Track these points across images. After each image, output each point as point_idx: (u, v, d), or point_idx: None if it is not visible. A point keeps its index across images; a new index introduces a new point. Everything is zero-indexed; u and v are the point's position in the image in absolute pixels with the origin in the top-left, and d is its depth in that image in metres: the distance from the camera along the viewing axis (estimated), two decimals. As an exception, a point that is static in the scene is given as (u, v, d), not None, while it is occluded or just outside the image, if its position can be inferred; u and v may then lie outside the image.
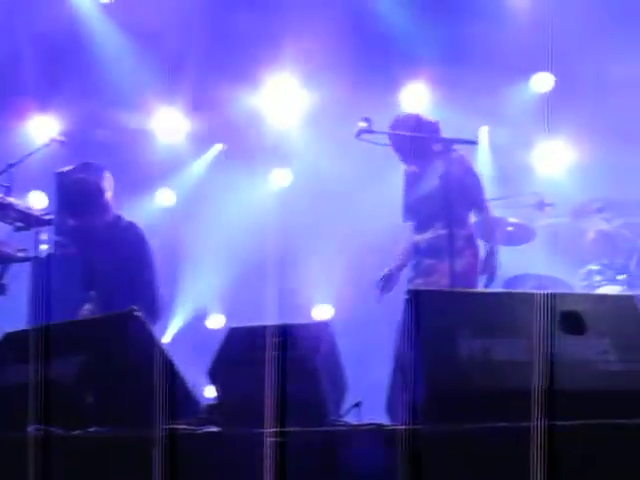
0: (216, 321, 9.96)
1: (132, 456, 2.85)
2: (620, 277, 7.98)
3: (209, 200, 9.53)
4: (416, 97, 9.26)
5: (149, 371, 3.31)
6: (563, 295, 3.38)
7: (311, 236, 9.28)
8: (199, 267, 9.61)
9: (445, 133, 6.08)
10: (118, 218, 5.55)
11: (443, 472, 2.70)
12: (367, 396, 3.52)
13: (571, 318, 3.25)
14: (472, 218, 6.22)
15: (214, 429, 3.01)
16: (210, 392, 3.53)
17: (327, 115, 9.07)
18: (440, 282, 5.78)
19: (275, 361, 3.27)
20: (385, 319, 3.65)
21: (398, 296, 4.60)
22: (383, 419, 3.34)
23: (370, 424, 2.97)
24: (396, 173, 6.63)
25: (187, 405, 3.43)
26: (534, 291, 3.50)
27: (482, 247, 6.17)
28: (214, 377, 3.36)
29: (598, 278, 8.03)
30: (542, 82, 9.49)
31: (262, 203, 9.67)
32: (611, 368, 3.19)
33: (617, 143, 8.49)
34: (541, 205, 8.31)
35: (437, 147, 5.88)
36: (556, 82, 9.32)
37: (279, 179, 10.05)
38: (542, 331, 3.21)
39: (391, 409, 3.42)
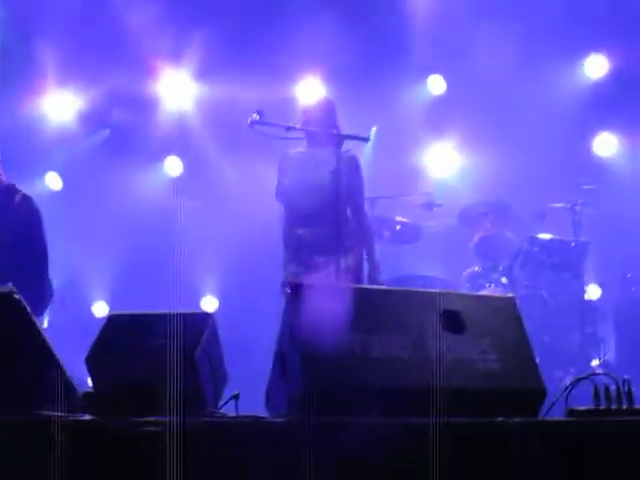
0: (102, 308, 9.86)
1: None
2: (503, 279, 8.15)
3: (98, 185, 9.39)
4: (311, 91, 9.30)
5: (26, 356, 3.23)
6: (444, 294, 3.42)
7: (200, 226, 9.24)
8: (88, 252, 9.48)
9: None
10: (12, 188, 5.30)
11: (318, 465, 2.69)
12: (247, 388, 3.50)
13: (451, 317, 3.29)
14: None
15: (88, 417, 2.95)
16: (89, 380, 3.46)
17: (220, 106, 9.04)
18: (328, 279, 5.80)
19: (155, 350, 3.23)
20: (269, 311, 3.63)
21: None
22: (262, 411, 3.34)
23: (247, 416, 2.96)
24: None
25: (65, 392, 3.35)
26: (417, 289, 3.55)
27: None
28: (91, 364, 3.29)
29: (482, 280, 8.19)
30: (437, 84, 9.65)
31: (153, 190, 9.60)
32: (490, 367, 3.25)
33: (505, 148, 8.68)
34: (430, 206, 8.44)
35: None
36: (449, 85, 9.48)
37: (171, 167, 9.99)
38: (423, 329, 3.25)
39: (270, 402, 3.40)
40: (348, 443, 2.73)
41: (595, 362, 8.07)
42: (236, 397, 3.36)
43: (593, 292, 9.18)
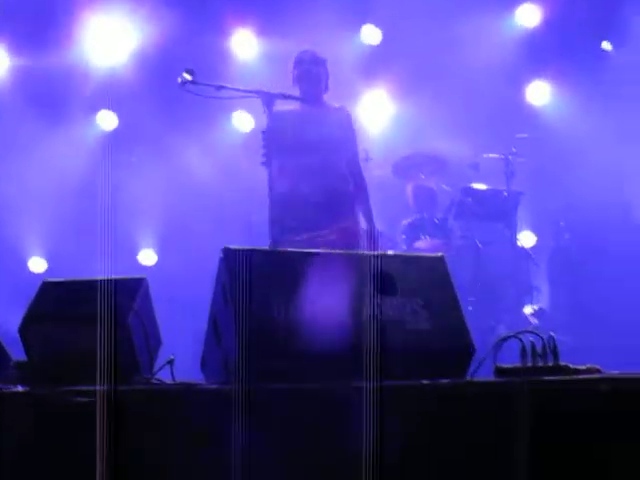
0: (38, 264, 9.78)
1: None
2: (438, 231, 8.24)
3: (29, 142, 9.26)
4: (245, 46, 9.25)
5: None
6: (375, 256, 3.46)
7: (135, 181, 9.19)
8: (21, 207, 9.38)
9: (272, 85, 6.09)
10: None
11: (252, 432, 2.73)
12: (182, 353, 3.52)
13: (382, 278, 3.33)
14: None
15: (21, 388, 2.95)
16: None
17: (155, 61, 8.95)
18: (328, 239, 5.80)
19: (87, 317, 3.23)
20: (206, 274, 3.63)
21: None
22: (198, 376, 3.37)
23: (181, 383, 2.98)
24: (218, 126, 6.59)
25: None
26: (348, 251, 3.58)
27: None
28: (24, 334, 3.28)
29: (417, 231, 8.26)
30: (371, 34, 9.63)
31: (87, 145, 9.50)
32: (420, 327, 3.30)
33: (438, 99, 8.71)
34: (364, 158, 8.46)
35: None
36: (384, 35, 9.47)
37: (104, 122, 9.88)
38: (355, 291, 3.29)
39: (206, 366, 3.43)
40: (282, 409, 2.77)
41: (528, 310, 8.22)
42: (171, 362, 3.38)
43: (527, 240, 9.32)
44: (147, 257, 10.03)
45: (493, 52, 8.99)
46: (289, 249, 3.99)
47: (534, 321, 7.91)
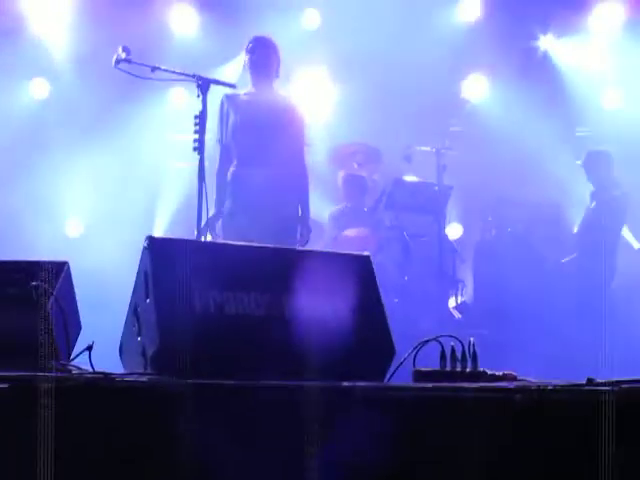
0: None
1: None
2: (367, 220, 8.27)
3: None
4: (183, 21, 9.19)
5: None
6: (300, 251, 3.47)
7: (66, 150, 9.07)
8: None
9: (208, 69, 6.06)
10: None
11: (174, 427, 2.70)
12: (102, 340, 3.48)
13: (307, 275, 3.33)
14: None
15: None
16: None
17: (91, 31, 8.82)
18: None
19: (6, 300, 3.19)
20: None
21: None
22: (117, 365, 3.34)
23: (97, 372, 2.94)
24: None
25: None
26: (274, 246, 3.58)
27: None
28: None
29: (346, 219, 8.29)
30: (311, 19, 9.60)
31: (19, 113, 9.36)
32: (342, 326, 3.30)
33: (375, 90, 8.74)
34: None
35: None
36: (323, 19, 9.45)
37: (38, 89, 9.72)
38: (279, 287, 3.29)
39: (124, 354, 3.40)
40: (202, 404, 2.75)
41: (452, 303, 8.30)
42: (90, 348, 3.34)
43: (454, 232, 9.41)
44: (75, 227, 9.89)
45: (431, 45, 9.01)
46: (216, 241, 3.99)
47: (457, 315, 7.99)
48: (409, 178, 8.41)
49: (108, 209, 9.11)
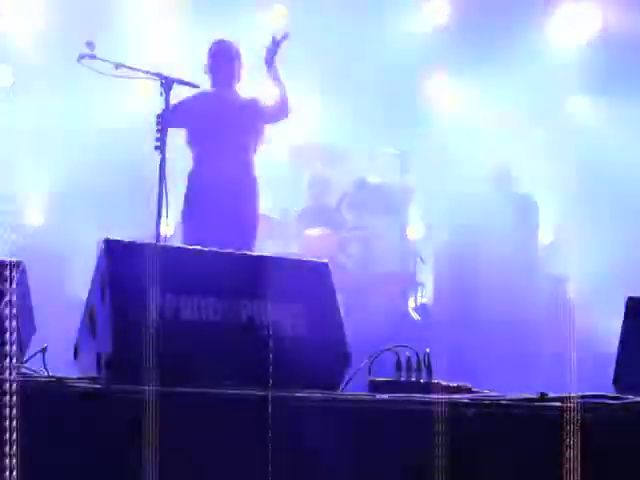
0: None
1: None
2: (329, 221, 8.26)
3: None
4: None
5: None
6: (258, 257, 3.46)
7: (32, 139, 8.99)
8: None
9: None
10: None
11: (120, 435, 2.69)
12: (60, 342, 3.46)
13: (263, 281, 3.33)
14: None
15: None
16: None
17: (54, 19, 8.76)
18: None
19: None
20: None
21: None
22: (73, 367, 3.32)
23: (51, 377, 2.92)
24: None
25: None
26: (231, 251, 3.56)
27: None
28: None
29: (310, 219, 8.27)
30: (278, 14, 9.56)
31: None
32: (298, 334, 3.31)
33: (341, 91, 8.73)
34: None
35: None
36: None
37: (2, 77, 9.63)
38: (236, 292, 3.28)
39: (79, 357, 3.37)
40: (156, 409, 2.74)
41: (411, 304, 8.31)
42: (44, 351, 3.32)
43: (416, 232, 9.41)
44: (35, 218, 9.80)
45: (397, 46, 9.01)
46: (175, 245, 3.97)
47: (416, 317, 8.00)
48: (372, 179, 8.41)
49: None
